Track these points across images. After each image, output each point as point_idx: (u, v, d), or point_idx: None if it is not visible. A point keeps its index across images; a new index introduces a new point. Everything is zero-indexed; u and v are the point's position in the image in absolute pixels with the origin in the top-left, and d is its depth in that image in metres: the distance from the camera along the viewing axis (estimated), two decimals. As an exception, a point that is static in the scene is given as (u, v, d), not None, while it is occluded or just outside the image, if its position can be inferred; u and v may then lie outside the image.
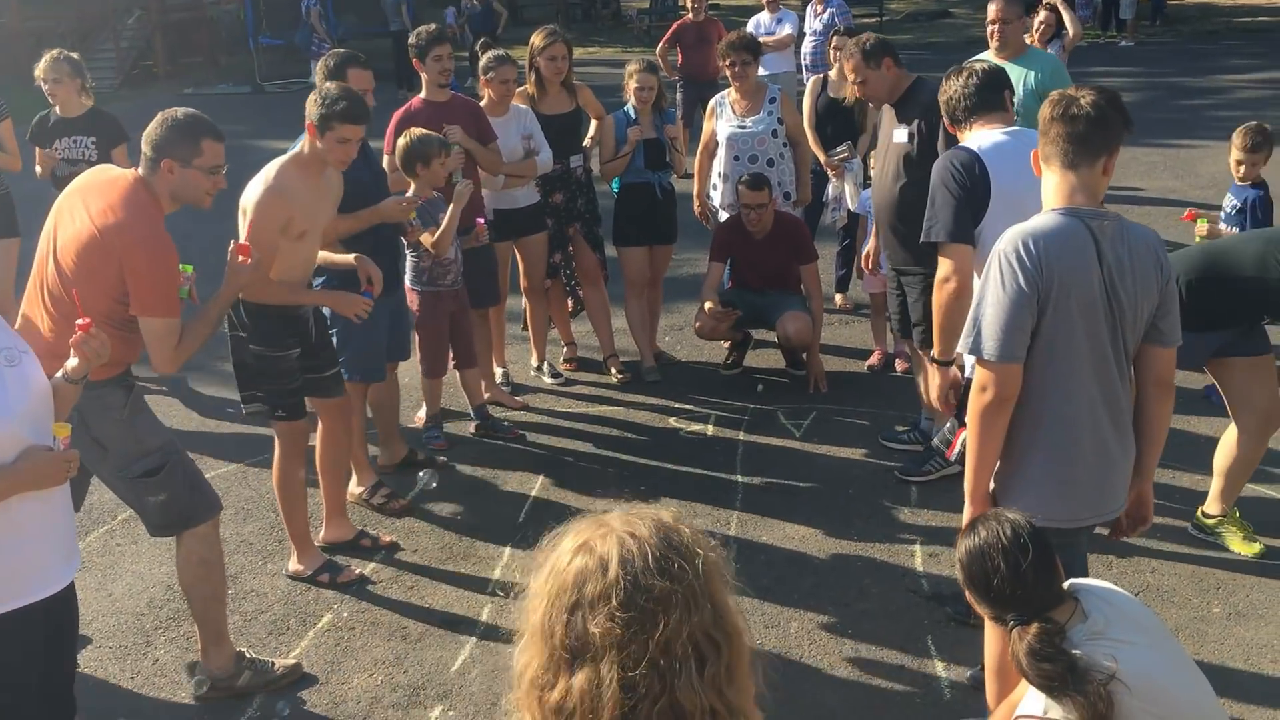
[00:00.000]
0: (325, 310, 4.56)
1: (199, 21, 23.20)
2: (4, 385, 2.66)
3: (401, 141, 5.18)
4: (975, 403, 2.97)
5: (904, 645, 3.92)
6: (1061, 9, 8.45)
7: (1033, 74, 5.83)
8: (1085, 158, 3.00)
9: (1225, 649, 3.82)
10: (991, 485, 3.08)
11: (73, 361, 2.89)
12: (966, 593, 2.65)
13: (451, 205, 5.17)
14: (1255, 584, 4.17)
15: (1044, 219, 2.98)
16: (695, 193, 6.54)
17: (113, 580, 4.51)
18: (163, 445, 3.60)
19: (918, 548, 4.56)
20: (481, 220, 5.42)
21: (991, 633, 3.01)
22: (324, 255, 4.61)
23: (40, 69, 6.25)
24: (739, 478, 5.21)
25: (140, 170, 3.52)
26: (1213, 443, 4.56)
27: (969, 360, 3.31)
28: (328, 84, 4.40)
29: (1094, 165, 3.00)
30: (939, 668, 3.81)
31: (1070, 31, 8.77)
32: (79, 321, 2.88)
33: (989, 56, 6.04)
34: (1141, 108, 14.24)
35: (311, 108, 4.22)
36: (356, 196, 4.66)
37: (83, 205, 3.44)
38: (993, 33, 5.97)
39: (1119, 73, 16.95)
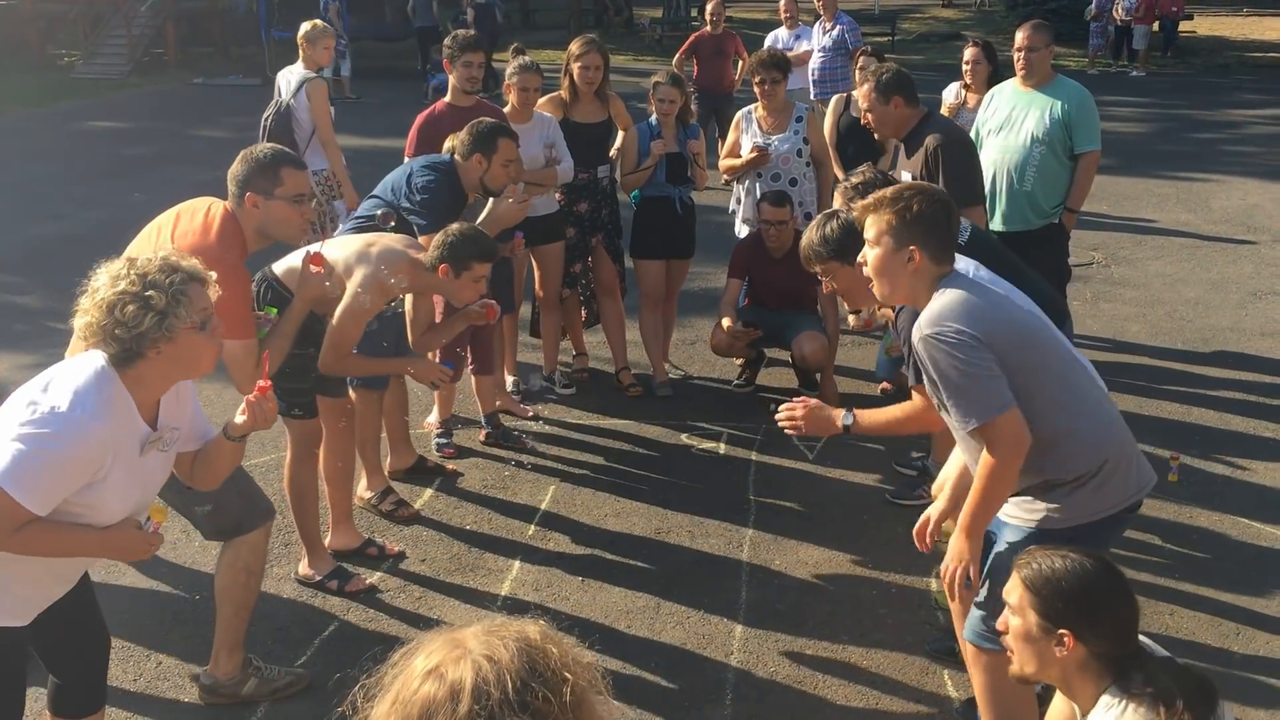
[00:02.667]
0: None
1: (212, 12, 23.19)
2: (155, 470, 2.75)
3: (448, 145, 5.11)
4: (991, 460, 2.91)
5: (920, 679, 3.87)
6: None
7: (1059, 104, 5.79)
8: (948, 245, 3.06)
9: (1247, 693, 3.76)
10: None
11: (241, 418, 2.88)
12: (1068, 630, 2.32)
13: (485, 213, 5.13)
14: (1276, 636, 4.12)
15: (945, 298, 2.95)
16: (727, 162, 6.43)
17: (116, 579, 4.44)
18: None
19: (933, 579, 4.50)
20: (520, 234, 5.40)
21: (980, 667, 3.03)
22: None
23: None
24: (752, 498, 5.16)
25: (230, 205, 3.62)
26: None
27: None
28: (453, 225, 4.36)
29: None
30: (955, 702, 3.76)
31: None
32: (260, 383, 2.90)
33: (1015, 84, 6.03)
34: (1154, 139, 14.27)
35: (442, 249, 4.23)
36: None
37: (170, 225, 3.57)
38: (1020, 60, 5.93)
39: (1130, 103, 16.97)
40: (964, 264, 3.15)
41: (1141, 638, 2.36)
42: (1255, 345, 6.99)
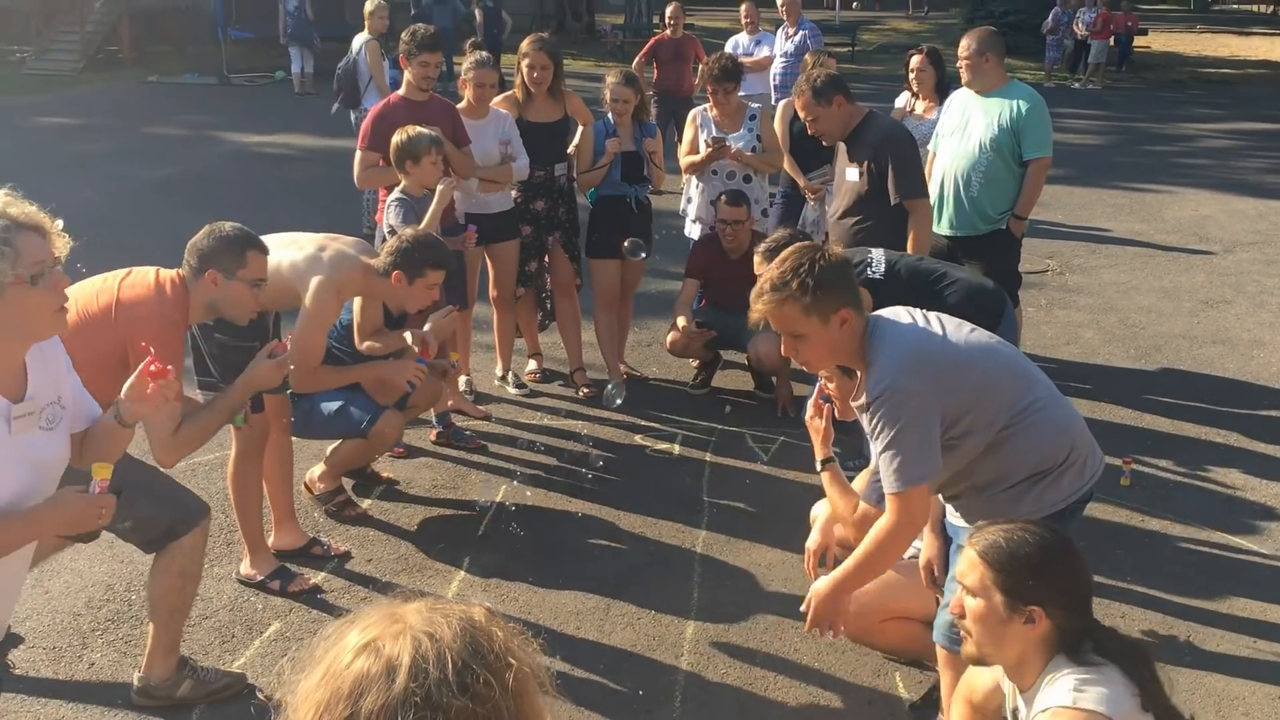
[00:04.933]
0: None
1: (168, 9, 22.88)
2: (42, 448, 2.52)
3: (396, 138, 5.17)
4: (888, 526, 2.89)
5: (872, 680, 3.82)
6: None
7: (1008, 110, 5.79)
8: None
9: (1196, 699, 3.76)
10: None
11: (132, 405, 2.64)
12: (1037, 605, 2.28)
13: (433, 204, 5.08)
14: (1224, 636, 4.12)
15: (881, 355, 2.89)
16: (688, 159, 6.35)
17: (50, 578, 4.31)
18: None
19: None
20: (473, 227, 5.32)
21: (952, 668, 3.01)
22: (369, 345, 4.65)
23: None
24: (705, 499, 5.11)
25: (183, 274, 3.51)
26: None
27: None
28: (406, 229, 4.38)
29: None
30: (906, 702, 3.72)
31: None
32: (155, 368, 2.64)
33: (969, 91, 6.03)
34: (1109, 151, 14.44)
35: (395, 255, 4.24)
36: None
37: (119, 277, 3.49)
38: (961, 66, 5.96)
39: (1086, 115, 17.18)
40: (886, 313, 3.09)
41: None
42: (1206, 353, 7.04)
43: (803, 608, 3.11)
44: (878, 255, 4.58)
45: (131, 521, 3.38)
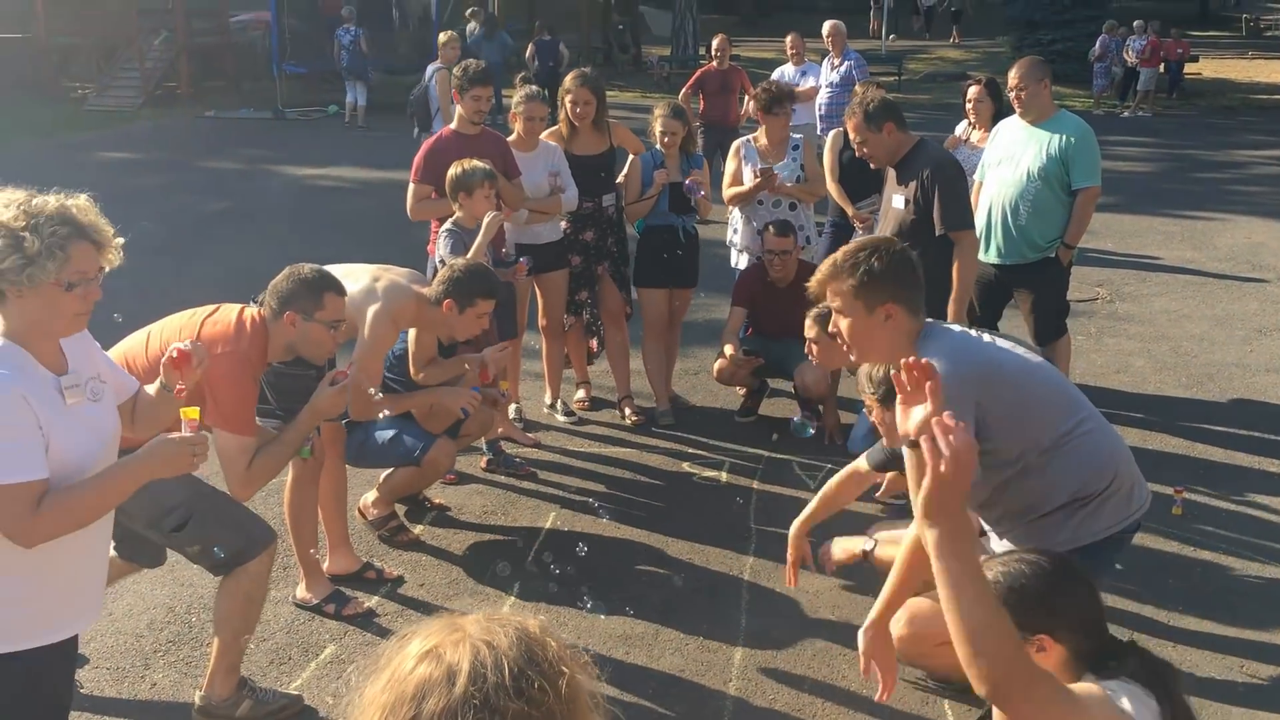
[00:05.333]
0: None
1: (224, 46, 23.40)
2: (98, 418, 2.66)
3: (451, 171, 5.29)
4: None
5: (920, 708, 3.82)
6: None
7: (1058, 139, 5.82)
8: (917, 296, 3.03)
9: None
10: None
11: (167, 373, 2.89)
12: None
13: (480, 236, 5.17)
14: (1278, 670, 4.08)
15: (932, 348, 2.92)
16: (732, 185, 6.42)
17: (114, 600, 4.42)
18: (184, 499, 3.49)
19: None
20: (524, 260, 5.42)
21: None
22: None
23: None
24: (753, 526, 5.14)
25: (264, 314, 3.65)
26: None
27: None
28: (458, 260, 4.51)
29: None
30: (955, 733, 3.72)
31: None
32: (182, 345, 2.88)
33: (1017, 120, 6.06)
34: (1159, 178, 14.33)
35: (447, 284, 4.38)
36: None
37: (205, 313, 3.64)
38: (1014, 98, 5.99)
39: (1136, 143, 17.06)
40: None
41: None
42: (1260, 381, 6.97)
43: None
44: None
45: (201, 546, 3.49)
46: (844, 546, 4.27)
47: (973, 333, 3.13)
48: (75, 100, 21.16)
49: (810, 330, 4.56)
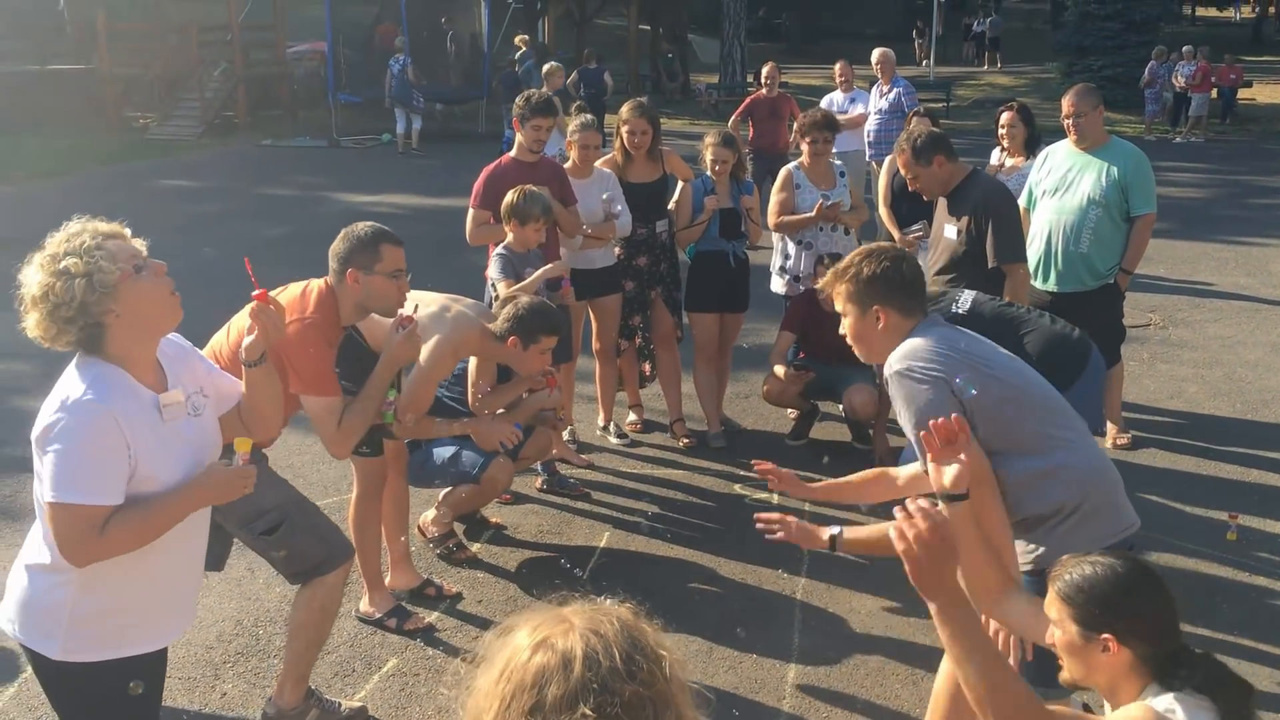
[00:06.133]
0: None
1: (280, 76, 23.92)
2: (196, 434, 2.74)
3: (510, 196, 5.40)
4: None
5: (973, 727, 3.85)
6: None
7: (1115, 166, 5.84)
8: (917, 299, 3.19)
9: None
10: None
11: (249, 339, 2.90)
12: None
13: (536, 274, 5.28)
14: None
15: (915, 340, 3.10)
16: (787, 218, 6.45)
17: (183, 612, 4.56)
18: (280, 504, 3.61)
19: (986, 630, 4.49)
20: (568, 281, 5.54)
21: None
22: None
23: None
24: (805, 547, 5.17)
25: (330, 280, 3.77)
26: None
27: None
28: (523, 299, 4.56)
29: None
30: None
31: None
32: (254, 292, 2.91)
33: (1069, 145, 6.09)
34: (1212, 204, 14.22)
35: (513, 321, 4.44)
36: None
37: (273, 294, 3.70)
38: (1069, 126, 6.00)
39: (1188, 168, 16.94)
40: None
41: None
42: (1316, 407, 6.92)
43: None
44: (967, 294, 4.64)
45: (287, 552, 3.61)
46: (806, 534, 3.79)
47: (968, 331, 3.22)
48: (137, 130, 21.71)
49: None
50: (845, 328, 3.23)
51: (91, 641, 2.65)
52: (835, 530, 3.60)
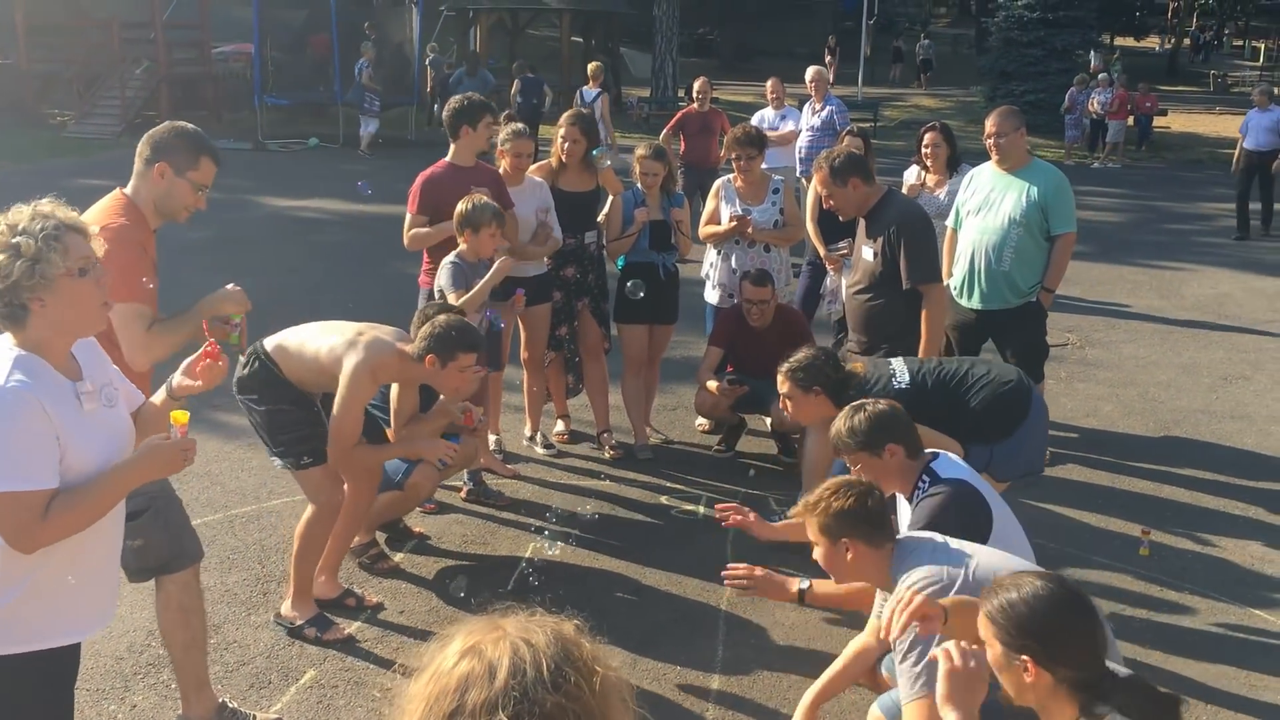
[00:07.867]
0: None
1: (205, 76, 23.46)
2: (113, 422, 2.72)
3: (461, 206, 5.32)
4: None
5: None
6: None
7: (1035, 187, 5.97)
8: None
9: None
10: None
11: (184, 379, 2.94)
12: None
13: (488, 275, 5.23)
14: (1239, 705, 4.17)
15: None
16: (709, 229, 6.52)
17: (93, 621, 4.43)
18: (151, 492, 3.48)
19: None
20: (521, 290, 5.49)
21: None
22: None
23: None
24: (730, 559, 5.18)
25: (134, 177, 3.59)
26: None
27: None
28: (440, 316, 4.39)
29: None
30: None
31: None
32: (206, 345, 2.95)
33: (992, 167, 6.21)
34: (1128, 228, 14.62)
35: (429, 340, 4.25)
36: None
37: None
38: (991, 146, 6.13)
39: (1106, 193, 17.39)
40: (913, 536, 3.36)
41: (1107, 661, 2.39)
42: (1225, 428, 7.13)
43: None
44: (899, 366, 4.69)
45: (143, 541, 3.48)
46: (774, 585, 3.98)
47: (939, 538, 3.26)
48: (55, 126, 21.15)
49: (783, 386, 4.61)
50: (817, 555, 3.33)
51: (2, 633, 2.57)
52: (804, 584, 3.81)
